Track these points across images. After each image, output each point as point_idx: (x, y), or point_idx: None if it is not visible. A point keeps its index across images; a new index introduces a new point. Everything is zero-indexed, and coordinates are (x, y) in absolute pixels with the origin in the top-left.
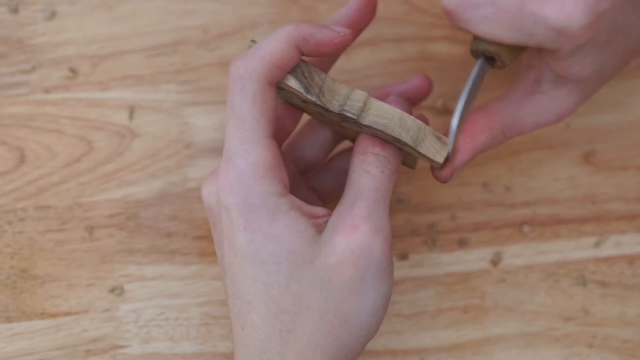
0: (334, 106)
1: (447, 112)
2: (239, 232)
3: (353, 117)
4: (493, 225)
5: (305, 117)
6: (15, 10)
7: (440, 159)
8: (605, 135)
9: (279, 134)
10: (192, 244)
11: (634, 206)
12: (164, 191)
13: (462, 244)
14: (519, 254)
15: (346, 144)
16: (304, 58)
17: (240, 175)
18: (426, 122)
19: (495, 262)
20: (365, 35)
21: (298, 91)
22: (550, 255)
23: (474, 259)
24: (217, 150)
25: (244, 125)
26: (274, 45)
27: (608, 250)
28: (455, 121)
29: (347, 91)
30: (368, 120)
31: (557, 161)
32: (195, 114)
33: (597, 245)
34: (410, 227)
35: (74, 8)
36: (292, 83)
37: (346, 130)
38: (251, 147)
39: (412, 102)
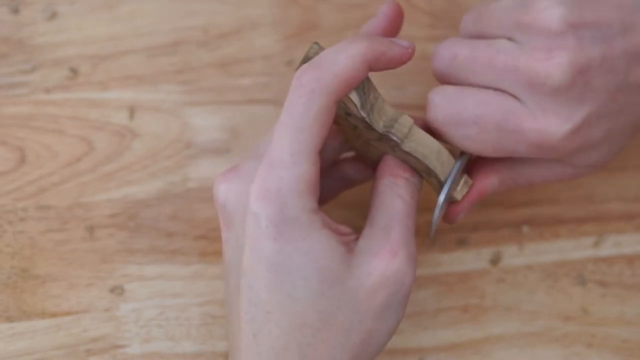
0: (379, 126)
1: None
2: (268, 240)
3: (396, 140)
4: (492, 224)
5: None
6: (15, 10)
7: (459, 196)
8: None
9: None
10: (192, 244)
11: (633, 206)
12: (164, 191)
13: (462, 243)
14: (518, 254)
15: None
16: None
17: (281, 185)
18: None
19: (495, 261)
20: None
21: (354, 104)
22: (550, 255)
23: (473, 259)
24: (217, 150)
25: (300, 137)
26: (349, 62)
27: (607, 249)
28: (441, 198)
29: (393, 114)
30: (409, 146)
31: None
32: (195, 114)
33: (596, 244)
34: None
35: (74, 8)
36: (353, 96)
37: (368, 148)
38: (300, 160)
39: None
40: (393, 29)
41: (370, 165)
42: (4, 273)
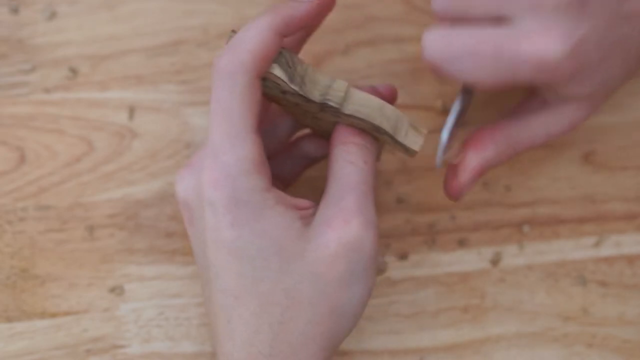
0: (315, 96)
1: (447, 112)
2: (226, 227)
3: (335, 105)
4: (493, 224)
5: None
6: (15, 10)
7: (416, 147)
8: (605, 135)
9: None
10: (190, 241)
11: (633, 206)
12: (164, 191)
13: (462, 243)
14: (519, 254)
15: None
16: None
17: (228, 169)
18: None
19: (495, 261)
20: (365, 35)
21: (282, 80)
22: (550, 255)
23: (473, 259)
24: None
25: (232, 119)
26: (260, 36)
27: (607, 249)
28: (444, 134)
29: (328, 81)
30: (349, 108)
31: (557, 161)
32: (195, 114)
33: (597, 244)
34: (410, 227)
35: (74, 8)
36: (277, 72)
37: (318, 122)
38: (239, 142)
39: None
40: (322, 11)
41: (328, 139)
42: (3, 273)
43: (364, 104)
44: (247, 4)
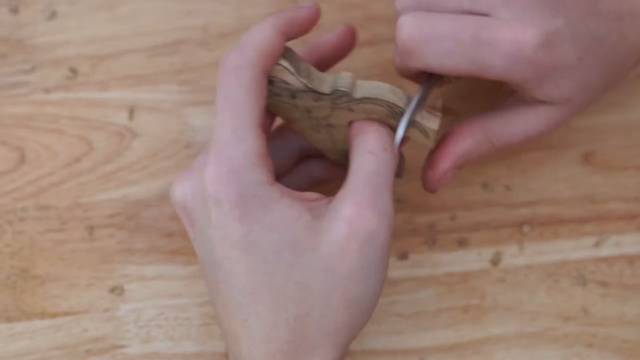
0: (324, 88)
1: (448, 112)
2: (235, 223)
3: (346, 90)
4: (493, 224)
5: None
6: (15, 10)
7: (434, 125)
8: (605, 135)
9: None
10: (192, 244)
11: (633, 206)
12: (164, 191)
13: (462, 243)
14: (519, 254)
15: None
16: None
17: (233, 164)
18: None
19: (495, 261)
20: (365, 35)
21: (289, 71)
22: (550, 255)
23: (473, 259)
24: None
25: (238, 112)
26: (263, 34)
27: (608, 249)
28: (400, 132)
29: (332, 75)
30: (361, 93)
31: (557, 161)
32: (195, 114)
33: (597, 244)
34: (410, 227)
35: (74, 8)
36: (284, 63)
37: (330, 131)
38: (243, 135)
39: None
40: (343, 45)
41: (337, 161)
42: (3, 273)
43: (374, 87)
44: (247, 3)
